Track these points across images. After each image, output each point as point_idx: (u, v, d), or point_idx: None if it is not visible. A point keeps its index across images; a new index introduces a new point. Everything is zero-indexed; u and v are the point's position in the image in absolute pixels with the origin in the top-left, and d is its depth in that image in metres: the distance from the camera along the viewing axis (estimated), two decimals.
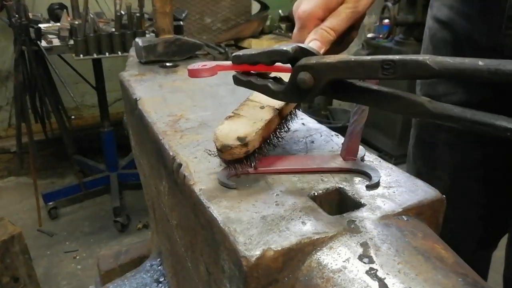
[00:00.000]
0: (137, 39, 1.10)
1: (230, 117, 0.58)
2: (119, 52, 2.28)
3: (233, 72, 0.56)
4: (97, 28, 2.24)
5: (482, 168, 0.98)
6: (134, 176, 2.82)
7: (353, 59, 0.46)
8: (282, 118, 0.61)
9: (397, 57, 0.42)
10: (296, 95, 0.51)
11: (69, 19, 2.30)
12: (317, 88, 0.49)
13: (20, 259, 1.76)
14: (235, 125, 0.56)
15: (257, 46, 2.50)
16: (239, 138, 0.53)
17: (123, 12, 2.25)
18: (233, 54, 0.55)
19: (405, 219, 0.47)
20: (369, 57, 0.45)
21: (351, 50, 3.45)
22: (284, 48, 0.50)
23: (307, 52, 0.50)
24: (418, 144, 1.07)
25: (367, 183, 0.52)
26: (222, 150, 0.53)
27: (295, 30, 0.68)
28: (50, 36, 2.31)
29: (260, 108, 0.60)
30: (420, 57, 0.41)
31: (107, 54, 2.27)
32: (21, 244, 1.75)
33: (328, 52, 0.60)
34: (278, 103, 0.59)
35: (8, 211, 2.68)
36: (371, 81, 0.48)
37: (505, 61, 0.37)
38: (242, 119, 0.57)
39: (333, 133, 0.69)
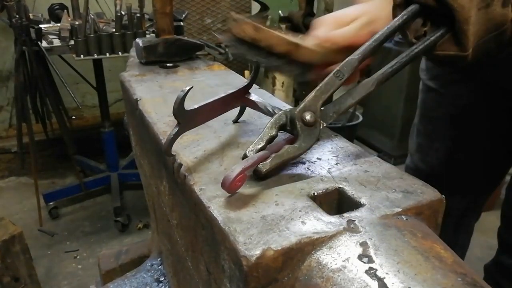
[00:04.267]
0: (137, 40, 1.11)
1: None
2: (120, 53, 2.28)
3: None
4: (97, 29, 2.24)
5: (476, 141, 1.08)
6: (134, 176, 2.83)
7: None
8: None
9: None
10: None
11: (69, 19, 2.30)
12: None
13: (20, 259, 1.76)
14: None
15: None
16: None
17: (123, 13, 2.26)
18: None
19: (405, 219, 0.47)
20: None
21: None
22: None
23: None
24: (420, 121, 1.17)
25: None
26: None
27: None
28: (50, 36, 2.31)
29: None
30: None
31: (107, 54, 2.27)
32: (21, 244, 1.75)
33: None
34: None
35: (9, 211, 2.69)
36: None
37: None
38: None
39: (333, 133, 0.69)
